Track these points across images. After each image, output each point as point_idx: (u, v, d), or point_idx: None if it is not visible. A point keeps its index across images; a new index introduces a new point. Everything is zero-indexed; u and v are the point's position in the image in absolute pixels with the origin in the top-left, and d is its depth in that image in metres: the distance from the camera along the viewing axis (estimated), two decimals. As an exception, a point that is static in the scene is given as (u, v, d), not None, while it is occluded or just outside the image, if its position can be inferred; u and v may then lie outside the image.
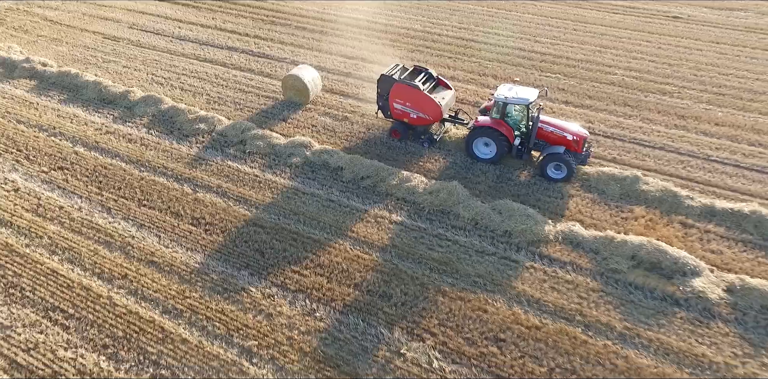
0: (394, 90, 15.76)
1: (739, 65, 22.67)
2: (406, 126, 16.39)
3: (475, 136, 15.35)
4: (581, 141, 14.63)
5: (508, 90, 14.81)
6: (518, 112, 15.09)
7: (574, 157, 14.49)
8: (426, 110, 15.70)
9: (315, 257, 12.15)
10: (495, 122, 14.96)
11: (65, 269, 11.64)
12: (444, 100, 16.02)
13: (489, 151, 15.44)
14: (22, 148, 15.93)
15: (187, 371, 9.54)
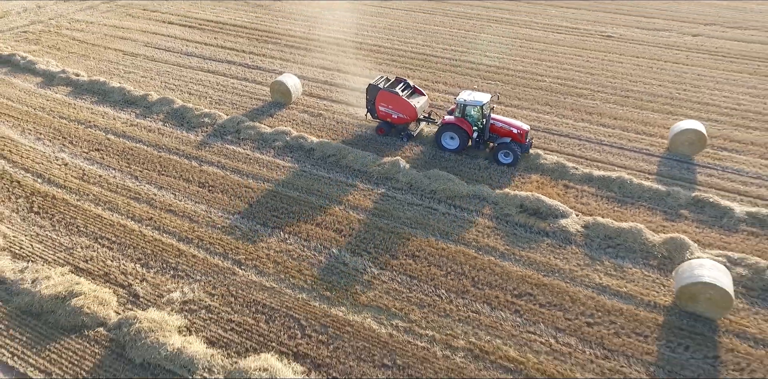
0: (379, 96, 20.03)
1: (649, 75, 27.54)
2: (389, 125, 20.66)
3: (442, 132, 19.54)
4: (524, 134, 18.86)
5: (468, 95, 19.04)
6: (475, 112, 19.06)
7: (519, 146, 18.74)
8: (404, 111, 19.99)
9: (287, 207, 16.60)
10: (458, 120, 19.13)
11: (107, 214, 16.08)
12: (419, 103, 20.36)
13: (453, 143, 19.55)
14: (66, 136, 20.50)
15: (195, 273, 13.91)
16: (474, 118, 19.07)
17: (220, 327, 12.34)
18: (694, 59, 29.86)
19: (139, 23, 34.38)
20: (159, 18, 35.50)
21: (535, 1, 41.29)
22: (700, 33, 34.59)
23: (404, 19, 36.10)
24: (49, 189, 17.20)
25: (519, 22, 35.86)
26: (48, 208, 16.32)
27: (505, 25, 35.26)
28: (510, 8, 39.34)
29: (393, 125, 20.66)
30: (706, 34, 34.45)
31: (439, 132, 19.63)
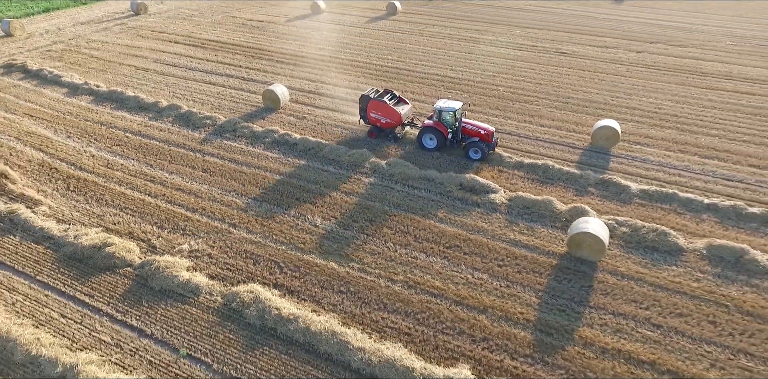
0: (370, 104, 23.90)
1: (590, 85, 32.00)
2: (379, 129, 24.55)
3: (423, 133, 23.37)
4: (490, 134, 22.70)
5: (443, 103, 22.82)
6: (449, 117, 22.90)
7: (486, 145, 22.68)
8: (391, 117, 23.85)
9: (273, 186, 20.69)
10: (435, 124, 22.94)
11: (129, 192, 20.14)
12: (403, 110, 24.15)
13: (432, 142, 23.28)
14: (91, 135, 24.69)
15: (199, 232, 17.91)
16: (449, 122, 22.87)
17: (218, 267, 16.32)
18: (632, 72, 34.39)
19: (148, 43, 38.95)
20: (166, 38, 40.11)
21: (502, 24, 46.16)
22: (644, 50, 39.26)
23: (383, 39, 40.77)
24: (81, 174, 21.31)
25: (484, 41, 40.54)
26: (81, 187, 20.39)
27: (471, 44, 39.92)
28: (479, 28, 44.15)
29: (382, 129, 24.45)
30: (649, 51, 39.11)
31: (421, 134, 23.43)
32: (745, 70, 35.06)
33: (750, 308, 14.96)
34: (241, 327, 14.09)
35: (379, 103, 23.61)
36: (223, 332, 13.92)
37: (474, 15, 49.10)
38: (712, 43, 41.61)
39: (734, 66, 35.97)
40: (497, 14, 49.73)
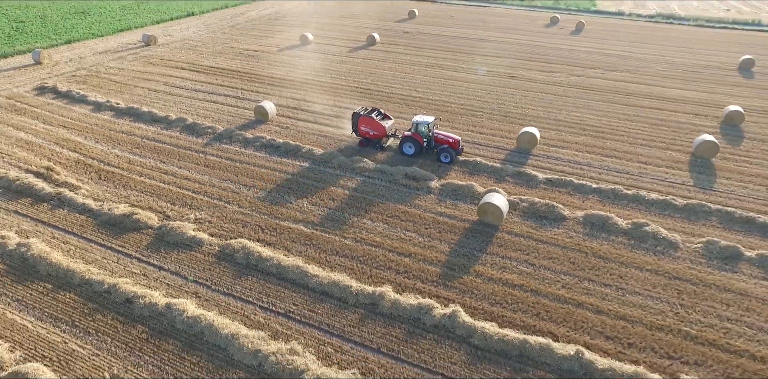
0: (361, 120, 29.49)
1: (529, 102, 38.35)
2: (367, 139, 30.16)
3: (403, 142, 28.94)
4: (457, 142, 28.29)
5: (420, 118, 28.51)
6: (424, 129, 28.68)
7: (454, 151, 28.29)
8: (377, 130, 29.44)
9: (259, 175, 26.53)
10: (413, 134, 28.60)
11: (147, 181, 25.91)
12: (387, 124, 29.60)
13: (411, 149, 28.75)
14: (115, 140, 30.66)
15: (202, 207, 23.66)
16: (424, 133, 28.52)
17: (216, 229, 22.00)
18: (568, 92, 40.87)
19: (158, 69, 45.45)
20: (173, 65, 46.67)
21: (465, 53, 53.09)
22: (583, 74, 45.95)
23: (361, 65, 47.44)
24: (108, 168, 27.17)
25: (447, 67, 47.25)
26: (110, 177, 26.22)
27: (436, 69, 46.58)
28: (445, 57, 50.98)
29: (370, 140, 30.05)
30: (587, 75, 45.80)
31: (401, 142, 29.03)
32: (664, 91, 41.61)
33: (602, 254, 20.67)
34: (232, 264, 19.70)
35: (367, 118, 29.34)
36: (219, 268, 19.53)
37: (442, 45, 56.10)
38: (645, 68, 48.42)
39: (656, 87, 42.55)
40: (462, 44, 56.77)
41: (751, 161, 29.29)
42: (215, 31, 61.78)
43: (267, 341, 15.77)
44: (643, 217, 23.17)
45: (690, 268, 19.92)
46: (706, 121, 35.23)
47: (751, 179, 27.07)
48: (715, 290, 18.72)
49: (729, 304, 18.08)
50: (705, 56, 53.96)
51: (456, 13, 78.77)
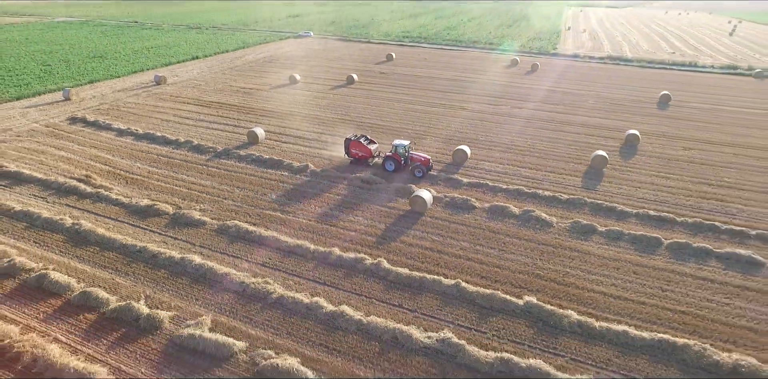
0: (351, 144, 37.50)
1: (471, 128, 47.00)
2: (357, 160, 38.37)
3: (385, 161, 37.02)
4: (427, 161, 36.48)
5: (398, 141, 36.77)
6: (402, 149, 37.06)
7: (425, 167, 36.74)
8: (365, 151, 37.80)
9: (248, 181, 34.67)
10: (393, 154, 36.88)
11: (163, 185, 33.98)
12: (373, 147, 37.68)
13: (391, 166, 36.58)
14: (136, 157, 38.92)
15: (206, 202, 31.69)
16: (402, 153, 36.59)
17: (215, 215, 29.85)
18: (506, 121, 49.72)
19: (168, 103, 54.40)
20: (181, 100, 55.67)
21: (428, 89, 62.52)
22: (523, 106, 55.07)
23: (339, 100, 56.55)
24: (133, 176, 35.30)
25: (411, 101, 56.41)
26: (134, 182, 34.31)
27: (401, 103, 55.70)
28: (410, 93, 60.29)
29: (359, 160, 38.10)
30: (527, 107, 54.91)
31: (384, 161, 37.01)
32: (586, 120, 50.57)
33: (495, 230, 28.62)
34: (227, 236, 27.49)
35: (357, 142, 37.50)
36: (218, 238, 27.29)
37: (410, 84, 65.65)
38: (577, 102, 57.72)
39: (581, 117, 51.55)
40: (429, 83, 66.37)
41: (633, 171, 37.68)
42: (216, 72, 71.48)
43: (249, 277, 23.47)
44: (533, 207, 31.26)
45: (555, 238, 27.87)
46: (610, 142, 43.88)
47: (627, 183, 35.36)
48: (567, 251, 26.62)
49: (573, 259, 25.94)
50: (633, 92, 63.55)
51: (429, 56, 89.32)
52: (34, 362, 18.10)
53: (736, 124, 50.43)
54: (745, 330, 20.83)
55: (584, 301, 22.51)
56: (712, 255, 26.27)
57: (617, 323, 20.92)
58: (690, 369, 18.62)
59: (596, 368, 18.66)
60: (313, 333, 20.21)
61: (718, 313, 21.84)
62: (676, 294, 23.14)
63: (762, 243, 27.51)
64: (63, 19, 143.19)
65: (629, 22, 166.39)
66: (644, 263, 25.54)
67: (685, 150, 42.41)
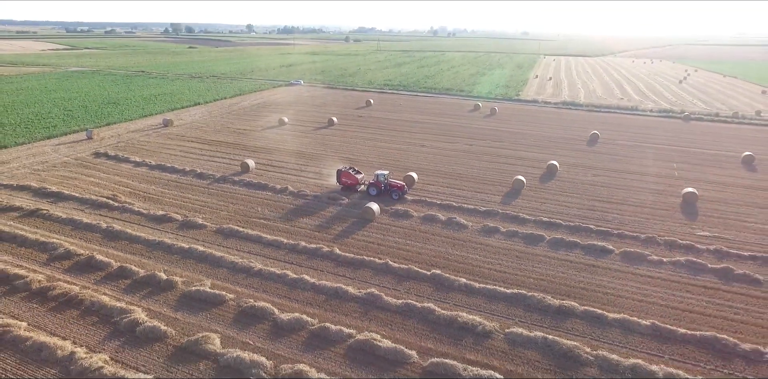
0: (342, 174, 47.45)
1: (426, 161, 57.46)
2: (346, 187, 48.18)
3: (368, 187, 46.66)
4: (402, 187, 46.21)
5: (379, 171, 46.67)
6: (383, 178, 47.27)
7: (401, 192, 46.44)
8: (352, 180, 47.56)
9: (239, 198, 44.50)
10: (375, 182, 46.69)
11: (174, 200, 43.75)
12: (359, 176, 47.68)
13: (374, 191, 45.95)
14: (150, 182, 48.83)
15: (205, 212, 41.43)
16: (382, 181, 46.32)
17: (214, 221, 39.48)
18: (456, 155, 60.35)
19: (175, 141, 64.96)
20: (186, 139, 66.28)
21: (397, 130, 73.62)
22: (474, 144, 65.97)
23: (319, 139, 67.30)
24: (149, 195, 45.08)
25: (380, 140, 67.27)
26: (151, 199, 44.06)
27: (372, 141, 66.45)
28: (381, 133, 71.28)
29: (348, 187, 47.77)
30: (477, 144, 65.79)
31: (367, 187, 46.62)
32: (522, 154, 61.28)
33: (423, 231, 38.30)
34: (222, 235, 36.91)
35: (346, 172, 47.20)
36: (216, 237, 36.71)
37: (383, 125, 76.90)
38: (521, 140, 68.79)
39: (519, 152, 62.34)
40: (398, 125, 77.65)
41: (544, 191, 47.85)
42: (216, 116, 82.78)
43: (238, 258, 32.88)
44: (456, 215, 41.08)
45: (467, 236, 37.58)
46: (534, 171, 54.34)
47: (536, 200, 45.40)
48: (472, 244, 36.25)
49: (476, 249, 35.53)
50: (570, 132, 74.96)
51: (404, 102, 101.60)
52: (92, 304, 27.24)
53: (646, 158, 61.29)
54: (579, 289, 30.26)
55: (473, 272, 32.00)
56: (578, 246, 35.94)
57: (491, 284, 30.33)
58: (530, 309, 27.92)
59: (469, 309, 27.90)
60: (281, 291, 29.49)
61: (568, 280, 31.29)
62: (542, 269, 32.67)
63: (619, 239, 37.27)
64: (75, 69, 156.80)
65: (594, 71, 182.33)
66: (527, 251, 35.17)
67: (593, 176, 52.86)
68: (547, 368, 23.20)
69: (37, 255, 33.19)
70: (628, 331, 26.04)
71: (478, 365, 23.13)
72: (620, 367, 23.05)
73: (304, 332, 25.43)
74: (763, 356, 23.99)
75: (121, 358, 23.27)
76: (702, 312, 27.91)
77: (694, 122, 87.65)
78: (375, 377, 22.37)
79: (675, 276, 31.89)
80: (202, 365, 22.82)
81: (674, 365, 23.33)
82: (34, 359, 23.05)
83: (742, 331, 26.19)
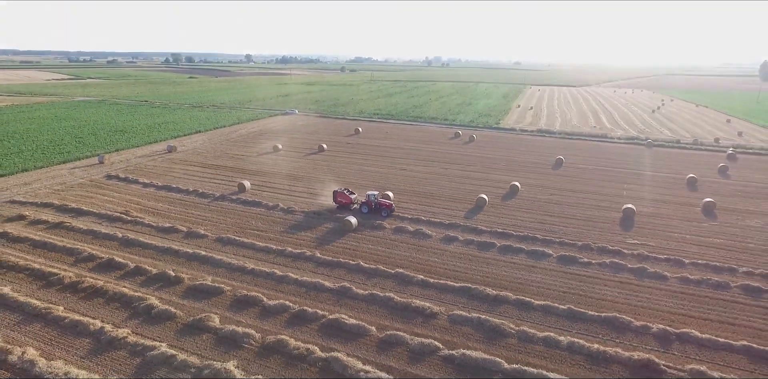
0: (337, 194, 54.12)
1: (403, 182, 64.44)
2: (341, 206, 55.07)
3: (361, 205, 53.41)
4: (391, 205, 53.11)
5: (370, 192, 53.37)
6: (373, 198, 53.86)
7: (389, 210, 53.11)
8: (347, 200, 54.31)
9: (235, 213, 51.11)
10: (367, 201, 53.57)
11: (178, 215, 50.34)
12: (353, 196, 54.51)
13: (366, 209, 52.59)
14: (158, 200, 55.40)
15: (206, 224, 47.96)
16: (373, 200, 53.19)
17: (214, 232, 45.97)
18: (432, 177, 67.34)
19: (179, 165, 71.91)
20: (188, 163, 73.29)
21: (381, 156, 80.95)
22: (449, 167, 73.11)
23: (309, 163, 74.35)
24: (157, 210, 51.62)
25: (365, 164, 74.43)
26: (158, 215, 50.57)
27: (357, 166, 73.55)
28: (366, 158, 78.54)
29: (343, 206, 54.75)
30: (452, 168, 72.91)
31: (360, 206, 53.48)
32: (492, 176, 68.37)
33: (392, 239, 44.91)
34: (221, 243, 43.36)
35: (341, 193, 53.90)
36: (216, 244, 43.19)
37: (369, 152, 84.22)
38: (492, 164, 76.02)
39: (488, 174, 69.44)
40: (381, 151, 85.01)
41: (504, 208, 54.66)
42: (215, 143, 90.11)
43: (234, 260, 39.26)
44: (423, 227, 47.68)
45: (429, 243, 44.09)
46: (498, 191, 61.28)
47: (495, 215, 52.15)
48: (433, 250, 42.73)
49: (435, 253, 42.05)
50: (539, 157, 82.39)
51: (390, 130, 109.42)
52: (115, 294, 33.48)
53: (602, 180, 68.48)
54: (516, 283, 36.62)
55: (430, 271, 38.41)
56: (523, 251, 42.49)
57: (443, 280, 36.73)
58: (473, 298, 34.20)
59: (422, 298, 34.20)
60: (269, 284, 35.80)
61: (508, 277, 37.68)
62: (489, 269, 39.11)
63: (559, 246, 43.84)
64: (82, 99, 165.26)
65: (575, 100, 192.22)
66: (479, 255, 41.70)
67: (550, 195, 59.82)
68: (477, 339, 29.47)
69: (65, 258, 39.51)
70: (548, 313, 32.39)
71: (423, 336, 29.35)
72: (535, 338, 29.34)
73: (287, 313, 31.70)
74: (650, 330, 30.32)
75: (141, 332, 29.44)
76: (612, 300, 34.34)
77: (656, 148, 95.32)
78: (341, 344, 28.57)
79: (598, 274, 38.40)
80: (204, 336, 29.00)
81: (578, 337, 29.61)
82: (71, 332, 29.17)
83: (639, 313, 32.57)
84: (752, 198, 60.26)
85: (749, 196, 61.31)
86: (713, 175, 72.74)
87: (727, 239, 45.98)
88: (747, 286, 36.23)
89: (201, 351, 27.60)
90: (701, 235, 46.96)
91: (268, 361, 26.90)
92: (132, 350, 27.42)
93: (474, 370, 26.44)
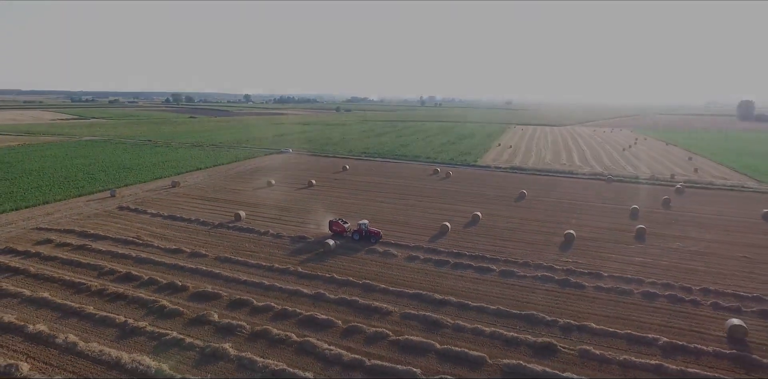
0: (332, 223, 62.71)
1: (380, 212, 73.43)
2: (336, 233, 63.30)
3: (353, 233, 61.34)
4: (379, 233, 61.23)
5: (361, 221, 62.08)
6: (364, 226, 62.47)
7: (377, 237, 61.42)
8: (340, 228, 62.53)
9: (232, 236, 59.64)
10: (358, 229, 61.89)
11: (183, 239, 58.79)
12: (346, 225, 62.97)
13: (357, 236, 60.74)
14: (164, 227, 63.99)
15: (211, 238, 56.45)
16: (363, 228, 61.32)
17: (213, 252, 54.39)
18: (408, 209, 76.34)
19: (182, 198, 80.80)
20: (191, 197, 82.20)
21: (366, 190, 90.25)
22: (423, 200, 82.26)
23: (299, 197, 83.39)
24: (164, 235, 60.08)
25: (348, 197, 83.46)
26: (165, 239, 58.94)
27: (340, 199, 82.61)
28: (352, 193, 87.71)
29: (337, 233, 63.12)
30: (425, 200, 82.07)
31: (352, 234, 61.45)
32: (458, 207, 77.41)
33: (363, 258, 53.40)
34: (219, 261, 51.83)
35: (336, 222, 62.22)
36: (215, 262, 51.69)
37: (354, 187, 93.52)
38: (461, 196, 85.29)
39: (456, 206, 78.51)
40: (365, 186, 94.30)
41: (465, 234, 63.34)
42: (215, 179, 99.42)
43: (231, 274, 47.61)
44: (390, 249, 56.23)
45: (395, 262, 52.53)
46: (462, 219, 70.18)
47: (456, 239, 60.79)
48: (396, 266, 51.22)
49: (400, 270, 50.37)
50: (504, 191, 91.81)
51: (374, 168, 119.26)
52: (133, 299, 41.69)
53: (555, 210, 77.62)
54: (459, 291, 45.01)
55: (391, 282, 46.70)
56: (472, 267, 50.98)
57: (400, 288, 45.04)
58: (422, 301, 42.44)
59: (381, 302, 42.43)
60: (258, 292, 43.89)
61: (454, 287, 45.92)
62: (440, 280, 47.45)
63: (504, 263, 52.36)
64: (88, 138, 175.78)
65: (553, 139, 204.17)
66: (435, 270, 50.14)
67: (506, 223, 68.76)
68: (420, 329, 37.63)
69: (89, 272, 47.77)
70: (480, 312, 40.68)
71: (378, 327, 37.52)
72: (465, 328, 37.57)
73: (272, 312, 39.90)
74: (557, 323, 38.62)
75: (156, 324, 37.50)
76: (535, 302, 42.66)
77: (615, 183, 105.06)
78: (313, 332, 36.71)
79: (529, 284, 46.87)
80: (206, 327, 37.13)
81: (500, 328, 37.81)
82: (101, 324, 37.23)
83: (553, 311, 40.87)
84: (683, 226, 69.31)
85: (681, 224, 70.39)
86: (656, 206, 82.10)
87: (646, 258, 54.71)
88: (647, 292, 44.70)
89: (203, 337, 35.64)
90: (625, 255, 55.70)
91: (255, 343, 34.96)
92: (150, 336, 35.46)
93: (413, 349, 34.55)
